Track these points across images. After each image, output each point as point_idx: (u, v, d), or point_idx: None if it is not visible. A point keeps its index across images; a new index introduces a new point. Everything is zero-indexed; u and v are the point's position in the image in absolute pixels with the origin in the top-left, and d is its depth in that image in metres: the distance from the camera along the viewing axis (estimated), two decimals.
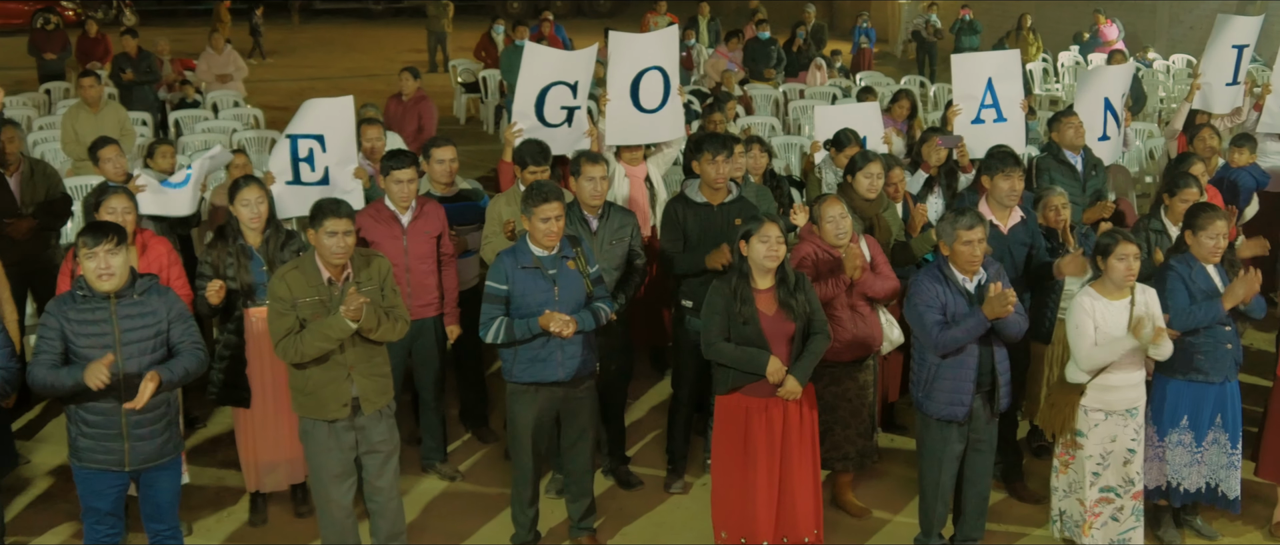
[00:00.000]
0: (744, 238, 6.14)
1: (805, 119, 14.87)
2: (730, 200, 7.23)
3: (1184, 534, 6.96)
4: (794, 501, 6.28)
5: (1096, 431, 6.35)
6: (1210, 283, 6.47)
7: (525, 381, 6.37)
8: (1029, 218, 7.28)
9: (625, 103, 8.65)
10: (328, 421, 6.00)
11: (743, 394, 6.19)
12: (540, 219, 6.20)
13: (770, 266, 6.11)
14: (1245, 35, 10.45)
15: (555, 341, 6.26)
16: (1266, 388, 7.58)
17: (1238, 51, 10.38)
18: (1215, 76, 10.43)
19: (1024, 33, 20.55)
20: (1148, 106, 16.88)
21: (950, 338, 6.03)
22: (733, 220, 7.14)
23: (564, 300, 6.27)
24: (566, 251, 6.38)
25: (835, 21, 31.75)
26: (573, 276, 6.35)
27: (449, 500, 7.46)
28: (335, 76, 23.27)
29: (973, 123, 9.29)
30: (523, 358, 6.33)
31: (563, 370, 6.35)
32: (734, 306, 6.10)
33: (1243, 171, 9.23)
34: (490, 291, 6.30)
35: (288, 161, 7.79)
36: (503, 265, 6.30)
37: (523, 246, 6.33)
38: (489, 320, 6.28)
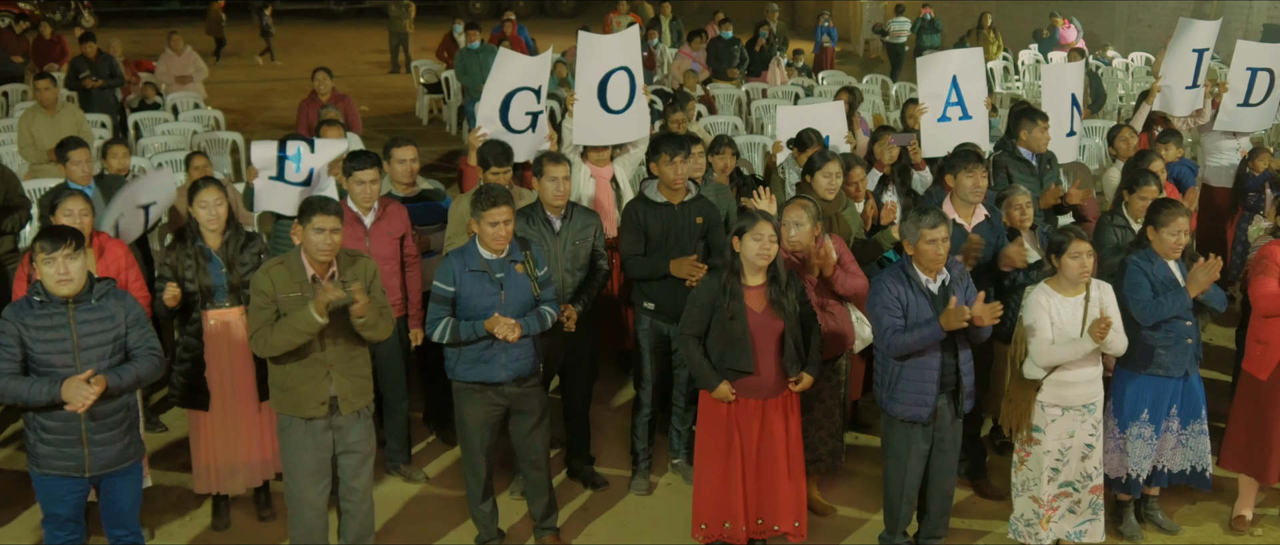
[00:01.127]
0: (737, 234, 6.14)
1: (768, 118, 14.90)
2: (690, 199, 7.24)
3: (1145, 528, 7.01)
4: (775, 495, 6.31)
5: (1053, 427, 6.39)
6: (1171, 276, 6.53)
7: (469, 380, 6.38)
8: (993, 215, 7.32)
9: (592, 103, 8.64)
10: (305, 419, 5.98)
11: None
12: (488, 223, 6.19)
13: (762, 264, 6.12)
14: (1205, 39, 10.54)
15: (499, 343, 6.26)
16: (1226, 382, 7.67)
17: (1197, 55, 10.47)
18: (1175, 80, 10.52)
19: (985, 32, 20.69)
20: (1107, 104, 17.02)
21: (903, 343, 6.06)
22: (694, 219, 7.15)
23: (510, 303, 6.27)
24: (515, 255, 6.37)
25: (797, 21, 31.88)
26: (520, 280, 6.34)
27: (414, 503, 7.43)
28: (297, 77, 23.10)
29: (939, 120, 9.33)
30: (466, 358, 6.34)
31: (505, 371, 6.35)
32: (722, 302, 6.11)
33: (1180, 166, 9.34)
34: (437, 292, 6.30)
35: (273, 158, 7.75)
36: (450, 266, 6.29)
37: (471, 249, 6.32)
38: (435, 320, 6.29)
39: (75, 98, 14.72)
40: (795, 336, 6.17)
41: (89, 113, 13.10)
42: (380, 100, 21.43)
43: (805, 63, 19.77)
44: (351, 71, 24.33)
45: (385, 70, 25.53)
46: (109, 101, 15.43)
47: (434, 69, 20.31)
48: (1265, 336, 6.71)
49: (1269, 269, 6.67)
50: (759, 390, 6.19)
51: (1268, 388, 6.74)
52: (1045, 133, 8.68)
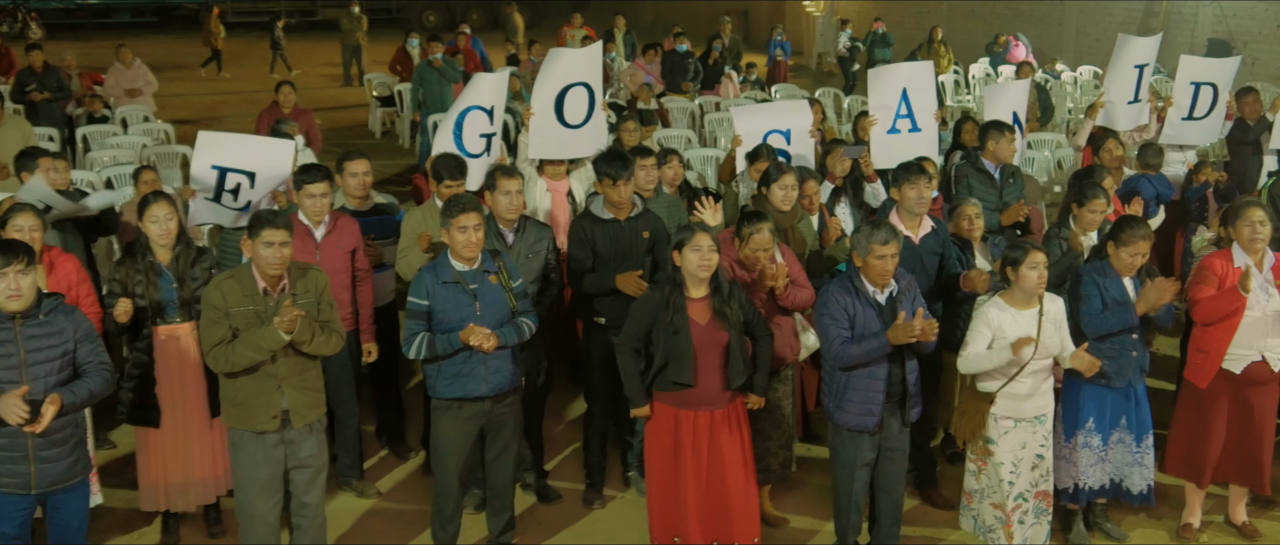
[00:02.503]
0: (677, 247, 6.16)
1: (721, 131, 14.98)
2: (636, 215, 7.27)
3: (1093, 536, 7.09)
4: (730, 508, 6.31)
5: (1006, 439, 6.45)
6: (1123, 292, 6.61)
7: (449, 397, 6.35)
8: (940, 227, 7.38)
9: (549, 117, 8.65)
10: (256, 433, 5.95)
11: (672, 405, 6.23)
12: (457, 228, 6.18)
13: (703, 276, 6.14)
14: (1145, 55, 10.68)
15: (478, 356, 6.24)
16: (1171, 391, 7.76)
17: (1139, 70, 10.60)
18: (1118, 95, 10.65)
19: (935, 45, 20.87)
20: (1056, 117, 17.20)
21: (850, 355, 6.09)
22: (640, 233, 7.18)
23: (486, 314, 6.26)
24: (488, 266, 6.36)
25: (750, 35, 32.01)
26: (495, 291, 6.33)
27: (367, 518, 7.40)
28: (249, 90, 23.02)
29: (888, 132, 9.40)
30: (446, 373, 6.30)
31: (486, 385, 6.33)
32: (665, 315, 6.13)
33: (1143, 180, 9.43)
34: (412, 307, 6.27)
35: (212, 185, 7.69)
36: (424, 280, 6.27)
37: (443, 261, 6.31)
38: (411, 336, 6.25)
39: (21, 110, 14.57)
40: (740, 347, 6.20)
41: (36, 126, 12.95)
42: (332, 113, 21.33)
43: (758, 76, 19.86)
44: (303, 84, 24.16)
45: (337, 83, 25.43)
46: (56, 115, 15.29)
47: (387, 82, 20.24)
48: (1205, 346, 6.81)
49: (1208, 280, 6.77)
50: (705, 402, 6.21)
51: (1208, 396, 6.84)
52: (1011, 144, 8.78)
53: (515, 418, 6.61)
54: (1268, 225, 6.76)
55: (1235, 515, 7.25)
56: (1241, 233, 6.77)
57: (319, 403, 6.13)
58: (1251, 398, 6.82)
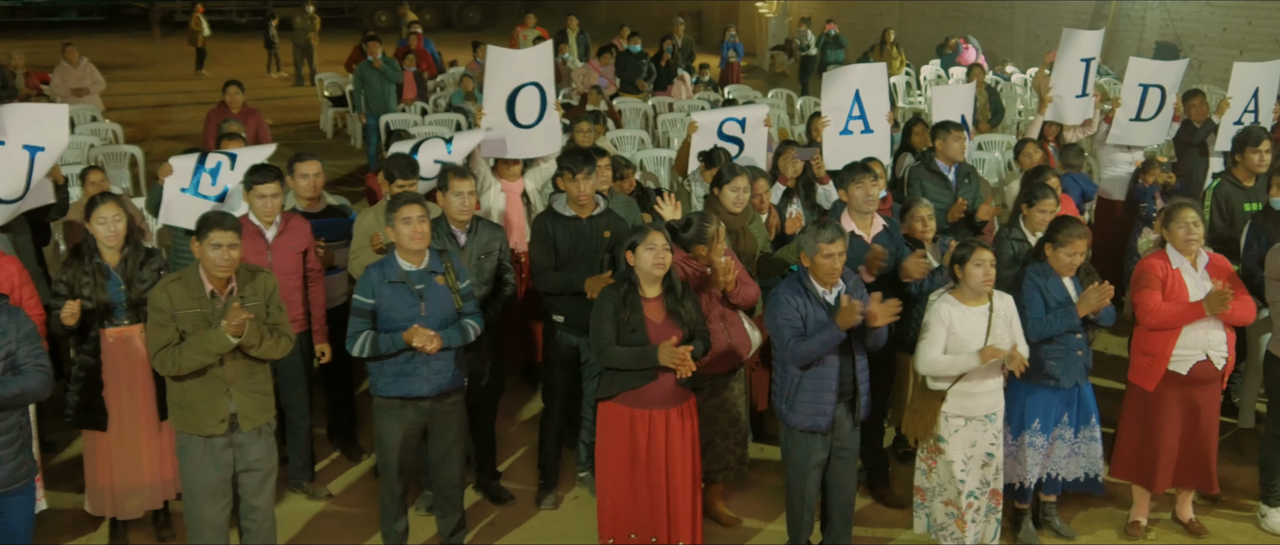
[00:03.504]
0: (630, 247, 6.17)
1: (674, 132, 15.00)
2: (598, 214, 7.26)
3: (1043, 534, 7.15)
4: (674, 507, 6.33)
5: (957, 437, 6.50)
6: (1065, 293, 6.67)
7: (391, 396, 6.32)
8: (892, 226, 7.43)
9: (501, 118, 8.63)
10: (204, 437, 5.89)
11: (625, 404, 6.22)
12: (401, 220, 6.17)
13: (658, 274, 6.15)
14: (1090, 49, 10.79)
15: (421, 356, 6.22)
16: (1119, 389, 7.83)
17: (1085, 64, 10.72)
18: (1065, 89, 10.75)
19: (888, 47, 20.98)
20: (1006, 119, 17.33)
21: (806, 349, 6.12)
22: (602, 232, 7.17)
23: (431, 315, 6.23)
24: (435, 266, 6.34)
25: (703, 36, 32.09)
26: (441, 291, 6.31)
27: (319, 520, 7.35)
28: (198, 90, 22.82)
29: (841, 134, 9.45)
30: (388, 372, 6.28)
31: (428, 385, 6.31)
32: (623, 314, 6.13)
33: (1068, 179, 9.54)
34: (357, 305, 6.24)
35: (190, 168, 7.61)
36: (370, 279, 6.24)
37: (391, 260, 6.28)
38: (355, 334, 6.23)
39: None
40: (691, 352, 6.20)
41: None
42: (284, 113, 21.20)
43: (711, 77, 19.90)
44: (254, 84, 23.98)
45: (289, 83, 25.26)
46: None
47: (339, 82, 20.14)
48: (1151, 349, 6.88)
49: (1151, 282, 6.83)
50: (658, 400, 6.21)
51: (1155, 399, 6.90)
52: (958, 142, 8.85)
53: (459, 417, 6.59)
54: (1201, 226, 6.85)
55: (1182, 513, 7.33)
56: (1176, 234, 6.85)
57: (268, 406, 6.08)
58: (1197, 398, 6.90)
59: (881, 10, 28.53)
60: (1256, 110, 10.56)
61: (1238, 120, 10.41)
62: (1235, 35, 20.76)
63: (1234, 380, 8.57)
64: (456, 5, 37.73)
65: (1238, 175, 8.88)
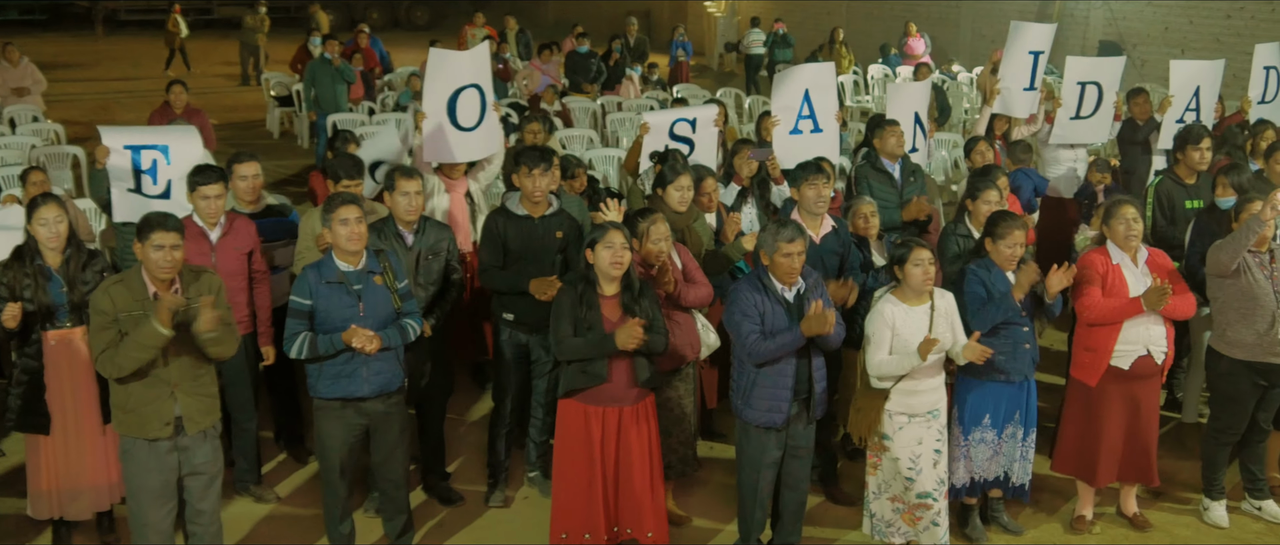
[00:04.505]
0: (590, 245, 6.17)
1: (623, 131, 15.00)
2: (551, 213, 7.25)
3: (990, 530, 7.21)
4: (634, 502, 6.35)
5: (901, 434, 6.54)
6: (1008, 286, 6.73)
7: (331, 397, 6.28)
8: (840, 226, 7.46)
9: (443, 121, 8.60)
10: (149, 441, 5.83)
11: (583, 402, 6.23)
12: (339, 221, 6.14)
13: (616, 273, 6.16)
14: (1040, 42, 10.89)
15: (360, 357, 6.19)
16: (1061, 384, 7.92)
17: (1033, 57, 10.81)
18: (1013, 82, 10.85)
19: (836, 46, 21.07)
20: (953, 117, 17.46)
21: (764, 350, 6.14)
22: (553, 232, 7.16)
23: (370, 316, 6.21)
24: (373, 266, 6.31)
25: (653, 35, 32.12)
26: (379, 292, 6.28)
27: (265, 523, 7.29)
28: (143, 90, 22.55)
29: (790, 133, 9.48)
30: (327, 373, 6.24)
31: (368, 386, 6.27)
32: (579, 313, 6.13)
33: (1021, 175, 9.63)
34: (294, 306, 6.20)
35: (128, 171, 7.51)
36: (307, 279, 6.20)
37: (328, 261, 6.25)
38: (293, 335, 6.19)
39: None
40: (650, 345, 6.22)
41: None
42: (230, 113, 21.01)
43: (660, 76, 19.92)
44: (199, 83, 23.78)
45: (235, 82, 25.05)
46: None
47: (285, 81, 19.98)
48: (1092, 344, 6.95)
49: (1091, 278, 6.91)
50: (615, 399, 6.22)
51: (1097, 394, 6.98)
52: (895, 138, 8.90)
53: (400, 418, 6.55)
54: (1140, 222, 6.94)
55: (1126, 507, 7.42)
56: (1116, 230, 6.93)
57: (213, 408, 6.02)
58: (1138, 393, 6.97)
59: (829, 10, 28.69)
60: (1198, 108, 10.70)
61: (1179, 118, 10.54)
62: (1177, 34, 21.03)
63: (1175, 375, 8.68)
64: (404, 4, 37.55)
65: (1179, 173, 8.99)
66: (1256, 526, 7.41)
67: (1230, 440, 7.36)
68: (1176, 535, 7.30)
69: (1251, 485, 7.53)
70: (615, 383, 6.19)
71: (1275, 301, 6.91)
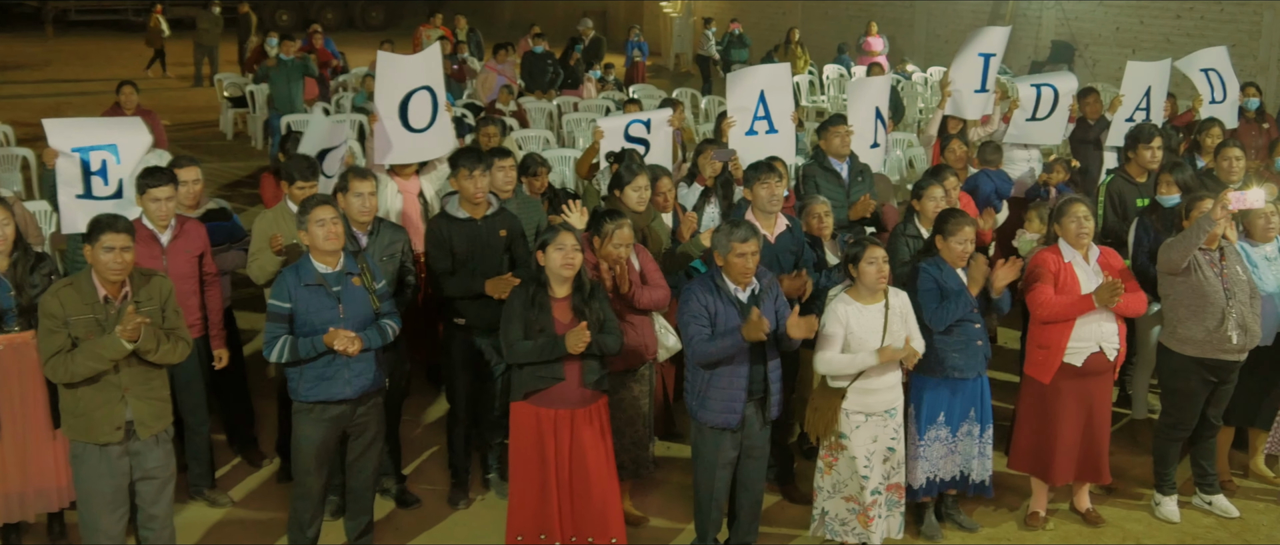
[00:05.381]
0: (541, 247, 6.16)
1: (579, 132, 14.98)
2: (492, 213, 7.25)
3: (945, 527, 7.25)
4: (592, 506, 6.34)
5: (858, 433, 6.56)
6: (959, 283, 6.77)
7: (312, 400, 6.24)
8: (794, 225, 7.48)
9: (395, 123, 8.58)
10: (99, 445, 5.77)
11: (535, 404, 6.21)
12: (315, 222, 6.10)
13: (567, 275, 6.15)
14: (992, 45, 10.98)
15: (341, 359, 6.16)
16: (1014, 383, 7.97)
17: (985, 59, 10.89)
18: (964, 84, 10.93)
19: (792, 46, 21.13)
20: (907, 117, 17.57)
21: (710, 351, 6.15)
22: (497, 232, 7.16)
23: (350, 317, 6.17)
24: (351, 268, 6.27)
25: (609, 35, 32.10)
26: (358, 293, 6.25)
27: (219, 528, 7.23)
28: (93, 91, 22.29)
29: (746, 134, 9.52)
30: (309, 376, 6.20)
31: (350, 388, 6.24)
32: (531, 314, 6.10)
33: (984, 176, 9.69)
34: (273, 309, 6.16)
35: (78, 174, 7.42)
36: (286, 283, 6.16)
37: (306, 263, 6.21)
38: (272, 339, 6.13)
39: None
40: (602, 345, 6.21)
41: None
42: (182, 115, 20.83)
43: (616, 77, 19.92)
44: (152, 85, 23.57)
45: (188, 84, 24.82)
46: None
47: (239, 82, 19.82)
48: (1046, 342, 7.00)
49: (1044, 276, 6.96)
50: (568, 401, 6.21)
51: (1051, 392, 7.03)
52: (838, 138, 8.93)
53: (378, 419, 6.54)
54: (1091, 220, 7.01)
55: (1080, 503, 7.48)
56: (1068, 229, 6.99)
57: (165, 412, 5.96)
58: (1091, 389, 7.04)
59: (785, 10, 28.77)
60: (1148, 108, 10.84)
61: (1129, 117, 10.66)
62: (1128, 34, 21.25)
63: (1126, 372, 8.76)
64: (359, 5, 37.35)
65: (1130, 171, 9.08)
66: (1207, 521, 7.50)
67: (1181, 436, 7.43)
68: (1129, 530, 7.37)
69: (1202, 480, 7.62)
70: (568, 385, 6.18)
71: (1225, 299, 6.99)
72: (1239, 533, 7.39)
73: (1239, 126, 12.00)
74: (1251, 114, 12.15)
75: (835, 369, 6.47)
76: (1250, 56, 19.09)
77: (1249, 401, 7.63)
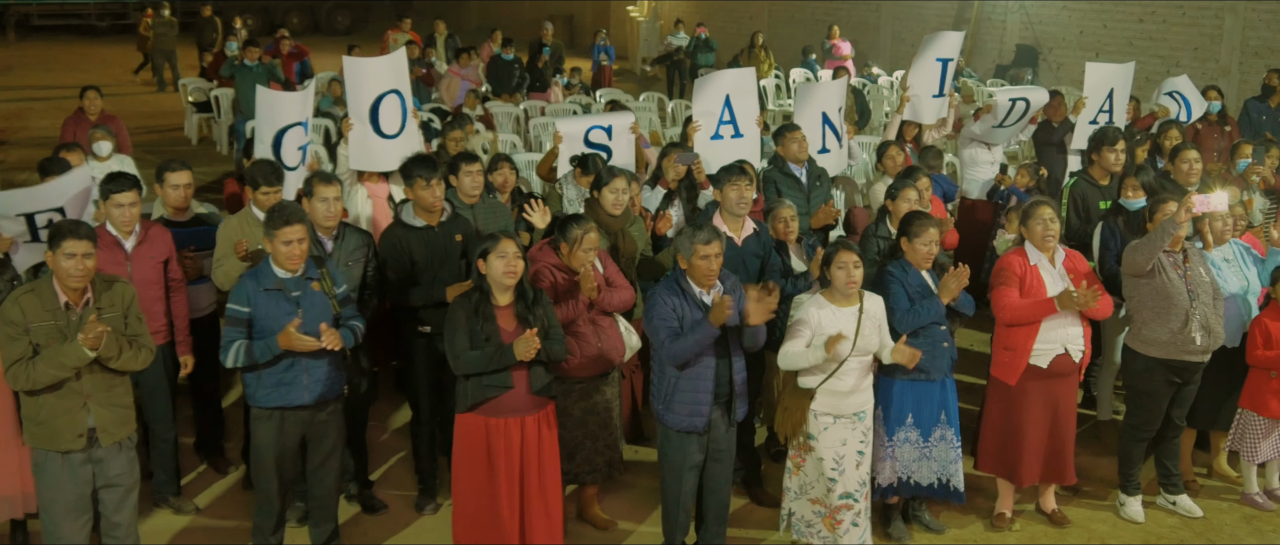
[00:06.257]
0: (482, 256, 6.13)
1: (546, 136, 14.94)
2: (447, 220, 7.24)
3: (912, 528, 7.27)
4: (534, 513, 6.32)
5: (826, 435, 6.57)
6: (924, 285, 6.81)
7: (270, 406, 6.20)
8: (761, 229, 7.50)
9: (366, 128, 8.55)
10: (62, 453, 5.72)
11: (482, 414, 6.17)
12: (282, 241, 6.07)
13: (509, 283, 6.13)
14: (949, 49, 11.03)
15: (300, 365, 6.12)
16: (980, 385, 8.02)
17: (942, 64, 10.94)
18: (922, 89, 10.97)
19: (757, 51, 21.17)
20: (873, 120, 17.62)
21: (680, 348, 6.15)
22: (454, 237, 7.15)
23: (309, 323, 6.13)
24: (311, 273, 6.24)
25: (575, 39, 32.09)
26: (318, 298, 6.22)
27: (184, 535, 7.18)
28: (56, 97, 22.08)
29: (712, 138, 9.53)
30: (267, 382, 6.16)
31: (308, 393, 6.21)
32: (476, 324, 6.08)
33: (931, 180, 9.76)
34: (231, 314, 6.12)
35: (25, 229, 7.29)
36: (245, 287, 6.13)
37: (266, 268, 6.17)
38: (228, 343, 6.10)
39: None
40: (548, 352, 6.19)
41: None
42: (147, 120, 20.67)
43: (583, 80, 19.90)
44: (115, 90, 23.37)
45: (151, 89, 24.64)
46: None
47: (203, 87, 19.69)
48: (1012, 344, 7.04)
49: (1009, 280, 7.00)
50: (517, 408, 6.18)
51: (1017, 393, 7.07)
52: (795, 144, 8.96)
53: (337, 425, 6.50)
54: (1057, 223, 7.05)
55: (1045, 504, 7.52)
56: (1034, 231, 7.04)
57: (128, 419, 5.92)
58: (1057, 391, 7.08)
59: (751, 13, 28.83)
60: (1111, 110, 10.90)
61: (1093, 119, 10.74)
62: (1091, 37, 21.42)
63: (1091, 373, 8.82)
64: (325, 8, 37.16)
65: (1094, 174, 9.15)
66: (1171, 521, 7.55)
67: (1146, 436, 7.49)
68: (1094, 531, 7.42)
69: (1166, 480, 7.67)
70: (516, 392, 6.15)
71: (1189, 300, 7.05)
72: (1203, 532, 7.45)
73: (1202, 130, 12.13)
74: (1213, 117, 12.28)
75: (792, 361, 6.47)
76: (1212, 59, 19.31)
77: (1211, 404, 7.70)
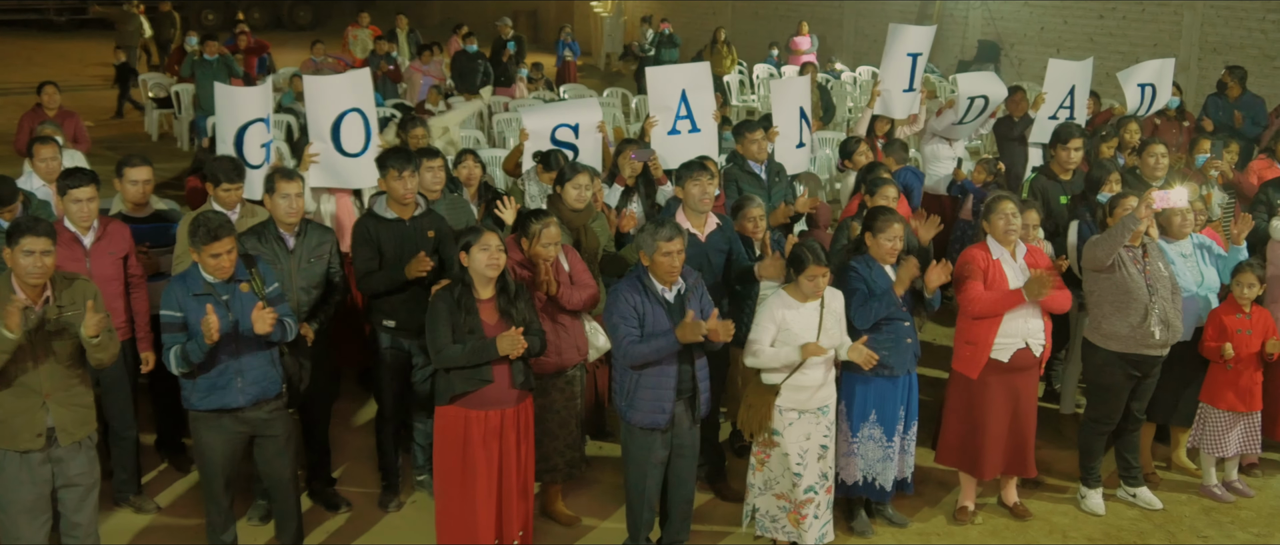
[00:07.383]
0: (464, 248, 6.11)
1: (510, 132, 14.92)
2: (420, 214, 7.21)
3: (875, 523, 7.30)
4: (521, 504, 6.37)
5: (791, 430, 6.59)
6: (888, 281, 6.83)
7: (205, 409, 6.14)
8: (726, 224, 7.50)
9: (327, 146, 8.50)
10: (20, 452, 5.66)
11: (462, 406, 6.16)
12: (210, 255, 5.96)
13: (491, 275, 6.12)
14: (918, 44, 11.07)
15: (234, 367, 6.06)
16: (941, 379, 8.05)
17: (912, 59, 10.98)
18: (893, 84, 11.01)
19: (719, 46, 21.17)
20: (837, 116, 17.66)
21: (639, 353, 6.16)
22: (425, 233, 7.11)
23: (243, 324, 6.06)
24: (241, 274, 6.16)
25: (539, 35, 32.03)
26: (248, 299, 6.12)
27: (145, 534, 7.13)
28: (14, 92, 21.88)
29: (669, 134, 9.50)
30: (201, 386, 6.09)
31: (243, 396, 6.15)
32: (458, 317, 6.07)
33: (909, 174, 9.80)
34: (166, 319, 6.04)
35: None
36: (174, 293, 6.03)
37: (193, 273, 6.07)
38: (168, 349, 6.03)
39: None
40: (527, 347, 6.18)
41: None
42: (106, 115, 20.49)
43: (547, 76, 19.86)
44: (74, 85, 23.14)
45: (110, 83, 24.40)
46: None
47: (164, 83, 19.53)
48: (973, 338, 7.08)
49: (973, 273, 7.04)
50: (496, 402, 6.18)
51: (978, 387, 7.11)
52: (755, 143, 8.97)
53: (283, 423, 6.43)
54: (1019, 217, 7.09)
55: (1007, 497, 7.57)
56: (996, 225, 7.08)
57: (88, 419, 5.87)
58: (1018, 384, 7.13)
59: (714, 10, 28.84)
60: (1072, 106, 10.97)
61: (1053, 115, 10.81)
62: (1052, 34, 21.55)
63: (1053, 368, 8.88)
64: (287, 4, 36.93)
65: (1054, 169, 9.20)
66: (1131, 513, 7.62)
67: (1106, 430, 7.55)
68: (1055, 523, 7.47)
69: (1126, 473, 7.74)
70: (498, 385, 6.15)
71: (1148, 294, 7.10)
72: (1162, 524, 7.52)
73: (1160, 125, 12.23)
74: (1172, 112, 12.39)
75: (762, 361, 6.50)
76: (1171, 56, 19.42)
77: (1170, 397, 7.78)
